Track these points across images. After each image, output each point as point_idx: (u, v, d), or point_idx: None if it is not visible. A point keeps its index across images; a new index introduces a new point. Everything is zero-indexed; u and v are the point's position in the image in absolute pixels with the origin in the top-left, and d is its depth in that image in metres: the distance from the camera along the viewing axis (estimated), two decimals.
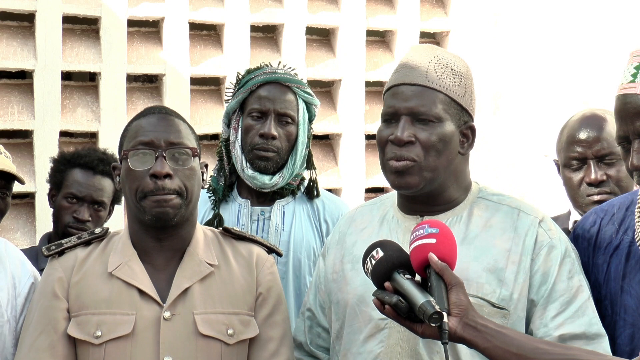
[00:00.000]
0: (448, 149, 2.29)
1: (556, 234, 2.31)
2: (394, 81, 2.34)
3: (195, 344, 2.34)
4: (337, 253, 2.47)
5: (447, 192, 2.33)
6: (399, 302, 2.04)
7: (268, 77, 3.13)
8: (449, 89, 2.29)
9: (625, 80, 2.20)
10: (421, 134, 2.27)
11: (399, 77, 2.33)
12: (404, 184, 2.29)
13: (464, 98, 2.31)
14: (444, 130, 2.28)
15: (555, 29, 5.43)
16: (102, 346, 2.33)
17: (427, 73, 2.30)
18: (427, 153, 2.27)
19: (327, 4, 5.23)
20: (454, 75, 2.31)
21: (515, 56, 5.42)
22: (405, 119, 2.28)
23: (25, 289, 2.64)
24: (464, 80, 2.32)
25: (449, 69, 2.32)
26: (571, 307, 2.23)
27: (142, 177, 2.36)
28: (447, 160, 2.30)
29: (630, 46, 2.41)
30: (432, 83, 2.29)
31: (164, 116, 2.44)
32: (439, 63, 2.31)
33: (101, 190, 3.44)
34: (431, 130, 2.27)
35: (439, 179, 2.30)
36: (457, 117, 2.31)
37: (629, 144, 2.18)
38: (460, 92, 2.31)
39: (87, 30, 4.84)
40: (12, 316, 2.60)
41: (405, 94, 2.30)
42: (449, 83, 2.30)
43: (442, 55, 2.34)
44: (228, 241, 2.51)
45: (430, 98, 2.28)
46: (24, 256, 2.76)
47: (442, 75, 2.30)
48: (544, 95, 5.41)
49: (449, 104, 2.29)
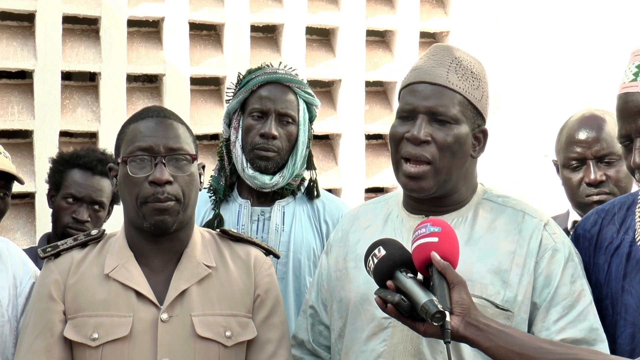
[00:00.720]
0: (462, 151, 2.29)
1: (560, 238, 2.31)
2: (413, 78, 2.32)
3: (193, 346, 2.33)
4: (340, 251, 2.47)
5: (456, 194, 2.34)
6: (402, 300, 2.04)
7: (269, 77, 3.13)
8: (467, 91, 2.29)
9: (626, 79, 2.20)
10: (438, 134, 2.26)
11: (419, 74, 2.32)
12: (418, 188, 2.29)
13: (480, 102, 2.32)
14: (460, 132, 2.28)
15: (555, 29, 5.43)
16: (99, 348, 2.32)
17: (448, 74, 2.29)
18: (443, 154, 2.26)
19: (327, 4, 5.23)
20: (474, 78, 2.31)
21: (515, 56, 5.42)
22: (423, 117, 2.27)
23: (26, 288, 2.63)
24: (481, 84, 2.33)
25: (469, 71, 2.31)
26: (573, 312, 2.23)
27: (141, 184, 2.35)
28: (460, 162, 2.30)
29: (631, 46, 2.41)
30: (453, 84, 2.28)
31: (162, 120, 2.42)
32: (460, 65, 2.31)
33: (100, 191, 3.42)
34: (447, 131, 2.27)
35: (452, 181, 2.30)
36: (472, 120, 2.31)
37: (630, 142, 2.18)
38: (478, 95, 2.31)
39: (87, 30, 4.84)
40: (13, 316, 2.60)
41: (425, 93, 2.28)
42: (468, 85, 2.29)
43: (464, 57, 2.34)
44: (226, 243, 2.50)
45: (449, 99, 2.27)
46: (26, 256, 2.75)
47: (463, 77, 2.29)
48: (544, 95, 5.41)
49: (466, 106, 2.29)
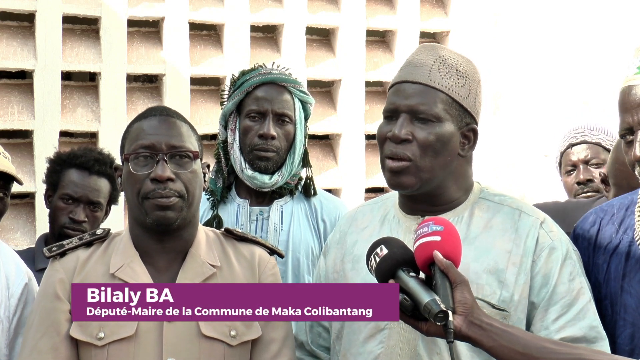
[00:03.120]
0: (446, 149, 2.28)
1: (557, 236, 2.30)
2: (397, 78, 2.34)
3: (198, 346, 2.33)
4: (338, 252, 2.47)
5: (446, 192, 2.33)
6: (404, 300, 2.03)
7: (264, 77, 3.14)
8: (451, 89, 2.28)
9: (630, 73, 2.20)
10: (419, 133, 2.26)
11: (403, 74, 2.33)
12: (399, 183, 2.29)
13: (467, 100, 2.30)
14: (443, 131, 2.27)
15: (555, 29, 5.43)
16: (105, 348, 2.32)
17: (430, 72, 2.29)
18: (424, 152, 2.26)
19: (327, 4, 5.23)
20: (459, 76, 2.30)
21: (515, 56, 5.42)
22: (405, 116, 2.27)
23: (18, 289, 2.63)
24: (468, 82, 2.31)
25: (454, 69, 2.31)
26: (572, 310, 2.22)
27: (142, 181, 2.35)
28: (444, 161, 2.28)
29: (631, 46, 2.42)
30: (434, 82, 2.28)
31: (166, 118, 2.43)
32: (444, 63, 2.30)
33: (97, 191, 3.40)
34: (429, 130, 2.26)
35: (436, 179, 2.29)
36: (459, 118, 2.29)
37: (632, 135, 2.18)
38: (464, 93, 2.30)
39: (87, 30, 4.84)
40: (5, 317, 2.59)
41: (407, 92, 2.29)
42: (452, 83, 2.29)
43: (449, 55, 2.33)
44: (230, 242, 2.50)
45: (431, 97, 2.27)
46: (18, 257, 2.75)
47: (446, 76, 2.29)
48: (544, 95, 5.41)
49: (451, 104, 2.28)
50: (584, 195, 3.57)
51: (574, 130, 3.68)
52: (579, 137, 3.63)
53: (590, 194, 3.56)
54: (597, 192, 3.55)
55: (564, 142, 3.69)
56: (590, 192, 3.56)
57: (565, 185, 3.68)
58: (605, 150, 3.58)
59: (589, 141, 3.63)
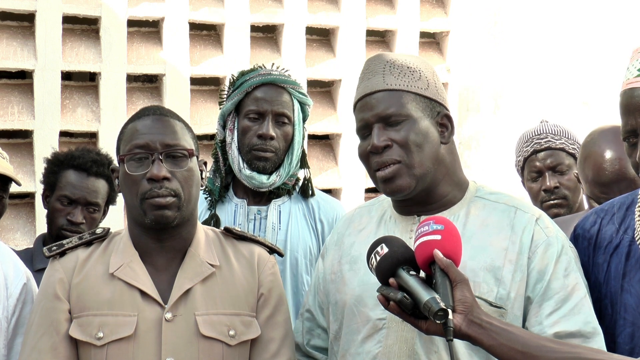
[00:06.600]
0: (428, 141, 2.30)
1: (553, 232, 2.30)
2: (357, 96, 2.38)
3: (197, 345, 2.33)
4: (336, 254, 2.47)
5: (439, 187, 2.33)
6: (404, 298, 2.04)
7: (264, 78, 3.15)
8: (409, 85, 2.31)
9: (630, 75, 2.20)
10: (396, 135, 2.28)
11: (361, 90, 2.36)
12: (396, 188, 2.29)
13: (428, 90, 2.33)
14: (418, 126, 2.29)
15: (555, 29, 5.43)
16: (104, 347, 2.32)
17: (384, 77, 2.32)
18: (408, 150, 2.27)
19: (327, 4, 5.23)
20: (412, 72, 2.33)
21: (515, 56, 5.43)
22: (377, 126, 2.30)
23: (17, 289, 2.62)
24: (423, 74, 2.34)
25: (405, 67, 2.33)
26: (567, 305, 2.22)
27: (139, 181, 2.35)
28: (431, 152, 2.30)
29: (631, 45, 2.41)
30: (392, 85, 2.31)
31: (159, 117, 2.42)
32: (394, 65, 2.34)
33: (95, 192, 3.38)
34: (405, 129, 2.28)
35: (429, 174, 2.30)
36: (428, 110, 2.32)
37: (635, 137, 2.18)
38: (422, 85, 2.32)
39: (87, 30, 4.84)
40: (3, 317, 2.59)
41: (370, 104, 2.32)
42: (408, 80, 2.31)
43: (396, 57, 2.37)
44: (229, 241, 2.50)
45: (394, 99, 2.30)
46: (17, 257, 2.73)
47: (399, 75, 2.32)
48: (544, 95, 5.41)
49: (415, 99, 2.31)
50: (550, 202, 3.57)
51: (537, 136, 3.64)
52: (543, 144, 3.61)
53: (557, 202, 3.56)
54: (563, 199, 3.56)
55: (527, 148, 3.65)
56: (556, 199, 3.56)
57: (530, 191, 3.66)
58: (569, 156, 3.59)
59: (553, 147, 3.61)
